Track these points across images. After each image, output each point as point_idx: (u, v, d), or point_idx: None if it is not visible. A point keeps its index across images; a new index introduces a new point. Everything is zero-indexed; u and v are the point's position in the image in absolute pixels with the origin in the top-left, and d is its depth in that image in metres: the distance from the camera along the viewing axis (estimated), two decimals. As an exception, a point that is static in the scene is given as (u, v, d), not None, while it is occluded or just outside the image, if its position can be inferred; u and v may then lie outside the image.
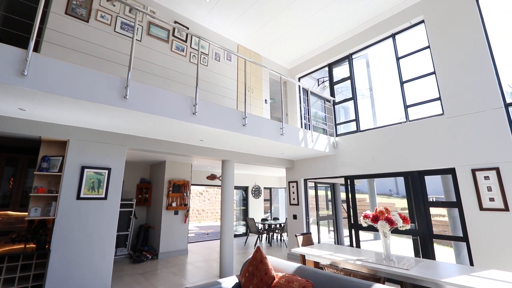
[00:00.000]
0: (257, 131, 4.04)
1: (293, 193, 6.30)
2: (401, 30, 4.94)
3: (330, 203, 6.68)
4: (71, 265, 3.26)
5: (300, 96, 6.83)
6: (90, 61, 3.76)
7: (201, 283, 3.59)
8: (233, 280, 2.57)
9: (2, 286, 2.96)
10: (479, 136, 3.66)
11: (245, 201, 10.24)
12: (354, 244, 5.02)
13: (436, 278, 2.37)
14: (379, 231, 3.05)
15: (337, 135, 5.75)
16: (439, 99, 4.18)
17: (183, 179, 6.84)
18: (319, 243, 5.54)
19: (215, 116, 3.54)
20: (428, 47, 4.41)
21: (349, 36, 5.70)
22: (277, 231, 7.99)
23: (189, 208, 6.77)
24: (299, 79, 6.98)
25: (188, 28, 5.11)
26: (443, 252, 6.36)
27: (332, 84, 6.03)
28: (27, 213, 3.32)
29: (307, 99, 6.42)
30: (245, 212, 10.08)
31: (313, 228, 6.11)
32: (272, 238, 8.38)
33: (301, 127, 6.47)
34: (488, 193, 3.47)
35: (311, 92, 6.32)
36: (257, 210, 10.26)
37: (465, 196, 3.67)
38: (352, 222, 5.11)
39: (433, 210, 4.25)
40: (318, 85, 7.78)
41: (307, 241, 4.39)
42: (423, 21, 4.58)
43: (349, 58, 5.76)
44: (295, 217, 6.13)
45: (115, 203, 3.71)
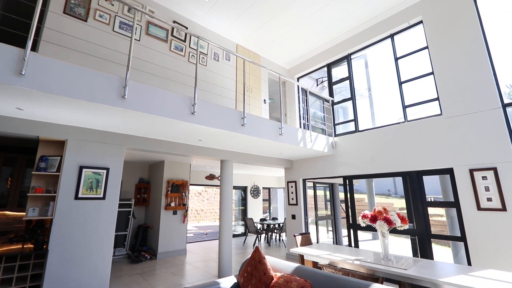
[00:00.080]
0: (256, 131, 4.04)
1: (292, 193, 6.31)
2: (399, 31, 4.95)
3: (328, 203, 6.69)
4: (69, 265, 3.25)
5: (299, 96, 6.84)
6: (88, 60, 3.75)
7: (199, 283, 3.59)
8: (231, 280, 2.57)
9: (0, 287, 2.95)
10: (477, 137, 3.67)
11: (244, 201, 10.24)
12: (353, 244, 5.03)
13: (434, 277, 2.38)
14: (377, 231, 3.06)
15: (335, 135, 5.76)
16: (437, 99, 4.19)
17: (181, 179, 6.83)
18: (317, 243, 5.54)
19: (214, 116, 3.54)
20: (427, 47, 4.43)
21: (348, 36, 5.71)
22: (275, 231, 7.99)
23: (187, 208, 6.76)
24: (298, 79, 6.98)
25: (187, 28, 5.10)
26: (441, 252, 6.39)
27: (331, 84, 6.04)
28: (25, 213, 3.30)
29: (306, 99, 6.43)
30: (244, 212, 10.08)
31: (312, 228, 6.11)
32: (271, 238, 8.39)
33: (300, 127, 6.47)
34: (485, 193, 3.49)
35: (310, 92, 6.33)
36: (255, 210, 10.26)
37: (463, 196, 3.69)
38: (351, 222, 5.12)
39: (431, 210, 4.27)
40: (317, 85, 7.79)
41: (306, 241, 4.40)
42: (421, 22, 4.59)
43: (348, 58, 5.77)
44: (293, 217, 6.14)
45: (113, 203, 3.70)
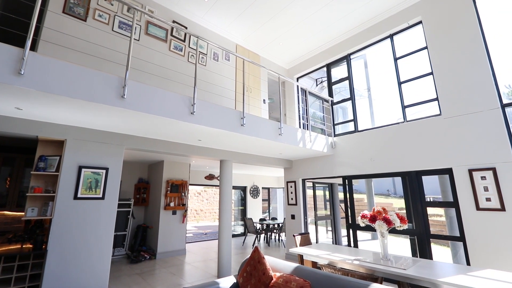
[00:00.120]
0: (255, 131, 4.04)
1: (291, 193, 6.31)
2: (399, 31, 4.96)
3: (328, 203, 6.69)
4: (68, 265, 3.24)
5: (298, 96, 6.84)
6: (87, 60, 3.74)
7: (199, 283, 3.59)
8: (231, 280, 2.57)
9: (-2, 287, 2.94)
10: (476, 137, 3.68)
11: (243, 201, 10.24)
12: (352, 244, 5.03)
13: (433, 277, 2.38)
14: (376, 231, 3.06)
15: (335, 135, 5.76)
16: (436, 99, 4.20)
17: (181, 179, 6.83)
18: (317, 243, 5.54)
19: (213, 116, 3.54)
20: (426, 47, 4.43)
21: (347, 37, 5.72)
22: (275, 231, 7.99)
23: (187, 208, 6.75)
24: (297, 79, 6.99)
25: (186, 28, 5.10)
26: (440, 251, 6.40)
27: (331, 84, 6.05)
28: (23, 213, 3.30)
29: (306, 99, 6.43)
30: (243, 212, 10.08)
31: (311, 228, 6.11)
32: (270, 238, 8.39)
33: (300, 127, 6.47)
34: (484, 193, 3.49)
35: (309, 92, 6.33)
36: (255, 210, 10.26)
37: (462, 196, 3.70)
38: (350, 222, 5.13)
39: (430, 210, 4.28)
40: (317, 85, 7.79)
41: (305, 241, 4.40)
42: (420, 22, 4.60)
43: (347, 58, 5.78)
44: (293, 217, 6.14)
45: (112, 203, 3.70)
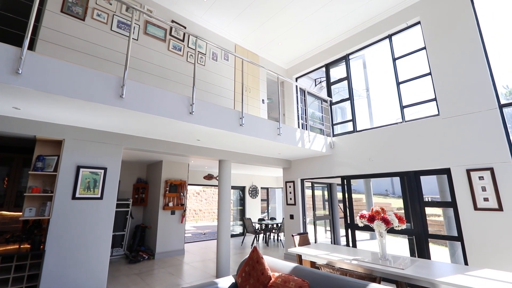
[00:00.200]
0: (254, 131, 4.04)
1: (290, 193, 6.32)
2: (397, 31, 4.97)
3: (326, 203, 6.70)
4: (66, 265, 3.23)
5: (297, 96, 6.85)
6: (86, 60, 3.73)
7: (197, 283, 3.58)
8: (229, 280, 2.56)
9: (-4, 287, 2.93)
10: (474, 137, 3.70)
11: (242, 201, 10.24)
12: (351, 244, 5.04)
13: (431, 277, 2.39)
14: (375, 231, 3.07)
15: (334, 135, 5.77)
16: (434, 99, 4.21)
17: (180, 179, 6.82)
18: (315, 243, 5.55)
19: (212, 115, 3.53)
20: (424, 48, 4.45)
21: (346, 37, 5.73)
22: (274, 231, 8.00)
23: (186, 208, 6.74)
24: (296, 79, 6.99)
25: (185, 28, 5.09)
26: (438, 251, 6.42)
27: (329, 85, 6.05)
28: (21, 213, 3.28)
29: (304, 99, 6.43)
30: (242, 212, 10.08)
31: (310, 228, 6.12)
32: (269, 238, 8.39)
33: (298, 127, 6.48)
34: (482, 193, 3.51)
35: (308, 92, 6.33)
36: (254, 210, 10.27)
37: (460, 196, 3.71)
38: (349, 222, 5.14)
39: (428, 210, 4.29)
40: (316, 85, 7.80)
41: (304, 241, 4.40)
42: (419, 23, 4.61)
43: (346, 58, 5.79)
44: (292, 217, 6.14)
45: (111, 203, 3.69)
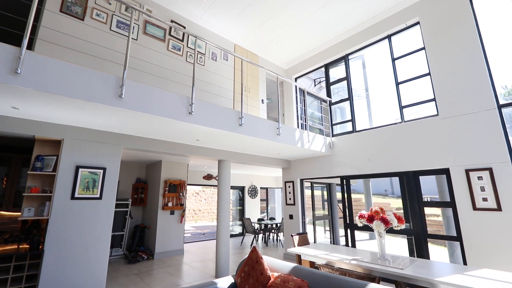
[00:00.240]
0: (253, 131, 4.04)
1: (290, 193, 6.32)
2: (397, 32, 4.98)
3: (326, 203, 6.71)
4: (65, 265, 3.23)
5: (296, 96, 6.85)
6: (85, 59, 3.72)
7: (197, 283, 3.58)
8: (229, 280, 2.56)
9: (-6, 287, 2.92)
10: (472, 137, 3.71)
11: (241, 201, 10.24)
12: (350, 244, 5.05)
13: (430, 277, 2.39)
14: (374, 231, 3.07)
15: (333, 135, 5.78)
16: (434, 100, 4.22)
17: (179, 179, 6.81)
18: (315, 243, 5.55)
19: (211, 115, 3.53)
20: (423, 48, 4.46)
21: (345, 37, 5.73)
22: (273, 231, 8.00)
23: (185, 208, 6.74)
24: (295, 79, 7.00)
25: (184, 27, 5.09)
26: (437, 251, 6.42)
27: (329, 85, 6.06)
28: (20, 213, 3.27)
29: (304, 99, 6.44)
30: (242, 212, 10.08)
31: (309, 228, 6.13)
32: (269, 238, 8.39)
33: (298, 127, 6.48)
34: (481, 193, 3.52)
35: (307, 92, 6.33)
36: (253, 210, 10.27)
37: (459, 196, 3.72)
38: (348, 222, 5.14)
39: (427, 210, 4.30)
40: (315, 85, 7.80)
41: (303, 241, 4.41)
42: (418, 23, 4.62)
43: (345, 58, 5.80)
44: (291, 217, 6.15)
45: (110, 203, 3.68)
